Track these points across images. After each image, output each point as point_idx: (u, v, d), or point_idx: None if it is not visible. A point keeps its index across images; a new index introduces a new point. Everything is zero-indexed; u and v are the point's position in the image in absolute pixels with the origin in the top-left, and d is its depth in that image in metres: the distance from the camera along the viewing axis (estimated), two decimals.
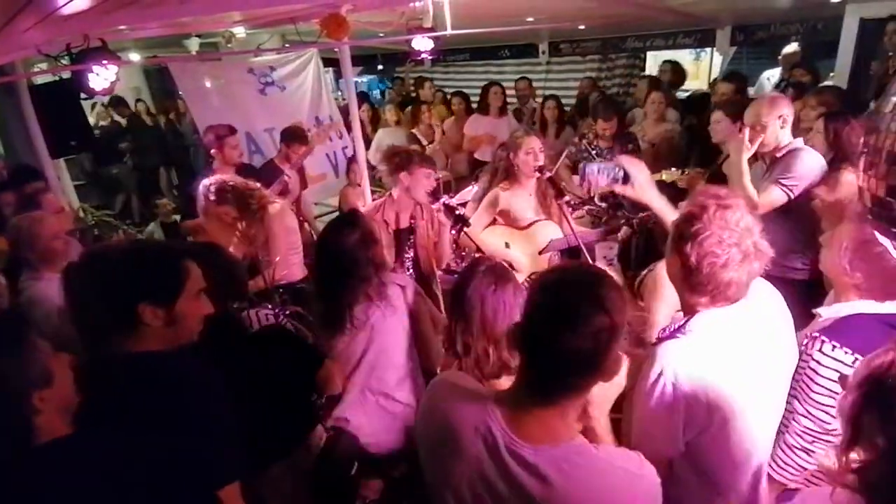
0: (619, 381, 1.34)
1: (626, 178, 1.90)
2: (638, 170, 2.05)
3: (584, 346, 1.09)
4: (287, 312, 2.93)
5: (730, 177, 3.29)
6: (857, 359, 1.59)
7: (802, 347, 1.72)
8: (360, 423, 2.22)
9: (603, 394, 1.36)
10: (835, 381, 1.60)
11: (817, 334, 1.71)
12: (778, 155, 2.83)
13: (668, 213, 1.94)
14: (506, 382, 1.67)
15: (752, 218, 1.40)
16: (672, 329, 1.49)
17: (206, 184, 3.16)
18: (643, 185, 1.94)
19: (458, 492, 1.22)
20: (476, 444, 1.18)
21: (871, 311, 1.73)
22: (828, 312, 1.83)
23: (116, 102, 8.31)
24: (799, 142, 2.85)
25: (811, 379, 1.69)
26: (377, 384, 2.24)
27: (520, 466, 1.14)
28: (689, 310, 1.49)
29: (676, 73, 6.13)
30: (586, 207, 4.14)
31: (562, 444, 1.15)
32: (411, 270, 3.20)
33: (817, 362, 1.68)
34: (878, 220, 1.67)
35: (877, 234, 1.74)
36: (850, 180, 2.73)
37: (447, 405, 1.29)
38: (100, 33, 3.38)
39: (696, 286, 1.42)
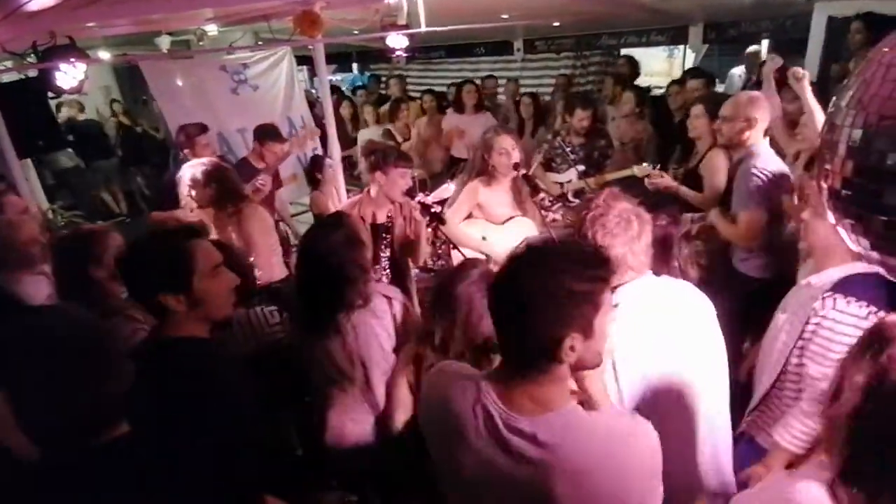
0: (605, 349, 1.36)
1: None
2: None
3: (536, 315, 1.13)
4: None
5: (706, 178, 3.33)
6: (870, 311, 1.63)
7: (810, 312, 1.74)
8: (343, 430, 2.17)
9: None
10: (853, 338, 1.58)
11: (828, 293, 1.71)
12: (738, 157, 2.83)
13: None
14: None
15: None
16: None
17: (196, 163, 3.09)
18: None
19: (464, 474, 1.26)
20: (476, 424, 1.22)
21: (866, 270, 1.71)
22: (819, 279, 1.82)
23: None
24: (757, 146, 2.80)
25: (828, 339, 1.68)
26: (361, 392, 2.16)
27: (519, 438, 1.18)
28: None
29: (632, 66, 6.20)
30: (561, 205, 4.19)
31: (554, 412, 1.18)
32: (388, 269, 3.17)
33: (833, 320, 1.68)
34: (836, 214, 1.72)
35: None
36: None
37: (445, 392, 1.32)
38: (68, 30, 3.33)
39: None
